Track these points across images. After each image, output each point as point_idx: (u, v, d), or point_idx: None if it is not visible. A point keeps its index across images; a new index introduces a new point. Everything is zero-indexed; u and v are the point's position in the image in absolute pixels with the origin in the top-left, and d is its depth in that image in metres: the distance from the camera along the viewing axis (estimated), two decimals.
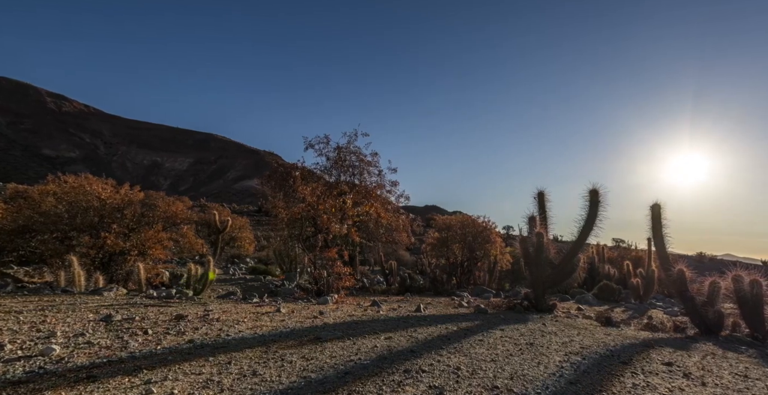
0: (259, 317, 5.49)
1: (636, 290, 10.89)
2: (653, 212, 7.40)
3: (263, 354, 3.59)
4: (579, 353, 3.95)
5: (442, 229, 14.20)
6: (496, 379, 3.00)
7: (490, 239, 12.96)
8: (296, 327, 4.80)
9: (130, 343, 3.69)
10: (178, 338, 4.02)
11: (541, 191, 9.00)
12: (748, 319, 6.18)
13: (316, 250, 9.16)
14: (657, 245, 7.33)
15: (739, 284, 6.22)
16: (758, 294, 5.98)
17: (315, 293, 9.03)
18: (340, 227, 9.32)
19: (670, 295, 12.22)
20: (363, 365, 3.32)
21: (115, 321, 4.57)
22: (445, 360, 3.53)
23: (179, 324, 4.66)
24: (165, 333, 4.22)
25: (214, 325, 4.72)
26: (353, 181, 12.06)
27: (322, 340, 4.21)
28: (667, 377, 3.25)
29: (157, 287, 11.48)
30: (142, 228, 12.62)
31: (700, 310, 6.52)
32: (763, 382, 3.31)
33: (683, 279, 6.72)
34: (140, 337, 3.96)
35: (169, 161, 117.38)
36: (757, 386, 3.19)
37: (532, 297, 8.37)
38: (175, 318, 4.98)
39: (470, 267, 13.70)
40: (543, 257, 8.12)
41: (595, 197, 7.61)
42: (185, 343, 3.83)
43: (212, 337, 4.13)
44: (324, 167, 12.05)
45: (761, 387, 3.20)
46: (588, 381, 3.00)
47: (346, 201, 9.89)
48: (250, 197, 65.54)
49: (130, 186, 12.93)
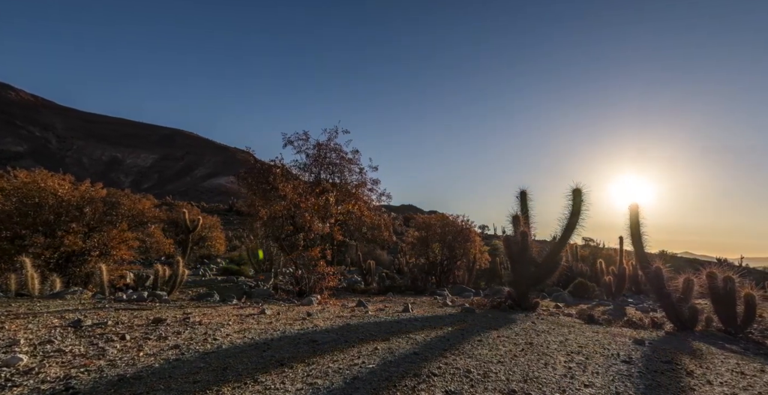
0: (244, 319, 5.18)
1: (609, 287, 11.29)
2: (631, 211, 7.64)
3: (259, 359, 3.33)
4: (579, 352, 3.94)
5: (422, 228, 14.19)
6: (510, 382, 2.91)
7: (470, 237, 13.07)
8: (287, 330, 4.55)
9: (107, 350, 3.33)
10: (161, 343, 3.68)
11: (524, 190, 9.11)
12: (721, 314, 6.48)
13: (298, 249, 8.85)
14: (635, 244, 7.56)
15: (713, 280, 6.52)
16: (732, 290, 6.29)
17: (297, 294, 8.74)
18: (323, 225, 9.05)
19: (639, 292, 12.78)
20: (369, 369, 3.14)
21: (85, 327, 4.15)
22: (451, 362, 3.41)
23: (158, 329, 4.29)
24: (144, 338, 3.86)
25: (197, 329, 4.39)
26: (333, 179, 11.79)
27: (319, 343, 3.99)
28: (674, 376, 3.27)
29: (121, 290, 10.76)
30: (105, 227, 11.82)
31: (676, 306, 6.79)
32: (761, 378, 3.42)
33: (660, 276, 6.97)
34: (117, 343, 3.59)
35: (131, 157, 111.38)
36: (758, 383, 3.28)
37: (515, 295, 8.46)
38: (153, 322, 4.60)
39: (449, 266, 13.76)
40: (527, 255, 8.22)
41: (578, 197, 7.79)
42: (170, 349, 3.51)
43: (198, 342, 3.81)
44: (303, 164, 11.70)
45: (762, 383, 3.29)
46: (601, 383, 2.96)
47: (329, 199, 9.63)
48: (220, 195, 63.06)
49: (91, 183, 12.08)
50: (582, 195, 7.76)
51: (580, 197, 7.75)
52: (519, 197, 9.13)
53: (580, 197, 7.76)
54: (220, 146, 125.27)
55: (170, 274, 10.81)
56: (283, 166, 11.09)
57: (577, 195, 7.78)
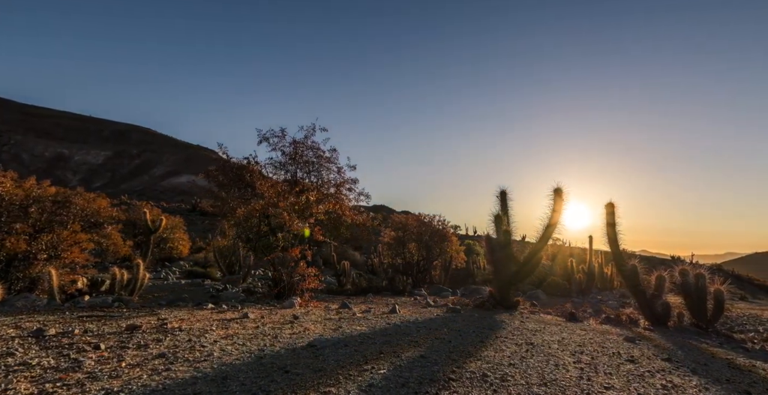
0: (227, 324, 4.82)
1: (579, 285, 11.72)
2: (607, 211, 7.91)
3: (258, 366, 3.06)
4: (582, 352, 3.94)
5: (399, 228, 14.10)
6: (531, 386, 2.82)
7: (447, 237, 13.13)
8: (278, 335, 4.27)
9: (83, 361, 2.93)
10: (143, 352, 3.30)
11: (504, 189, 9.22)
12: (692, 310, 6.82)
13: (276, 250, 8.46)
14: (610, 242, 7.82)
15: (685, 277, 6.87)
16: (703, 287, 6.64)
17: (275, 297, 8.35)
18: (303, 225, 8.72)
19: (605, 289, 13.39)
20: (382, 375, 2.95)
21: (49, 337, 3.66)
22: (463, 365, 3.29)
23: (135, 336, 3.88)
24: (122, 347, 3.46)
25: (179, 336, 4.01)
26: (310, 178, 11.43)
27: (317, 347, 3.75)
28: (682, 374, 3.31)
29: (73, 296, 9.86)
30: (55, 228, 10.83)
31: (650, 302, 7.09)
32: (756, 374, 3.57)
33: (636, 274, 7.27)
34: (92, 353, 3.18)
35: (80, 154, 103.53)
36: (754, 378, 3.42)
37: (496, 294, 8.52)
38: (127, 330, 4.16)
39: (426, 266, 13.76)
40: (509, 254, 8.32)
41: (559, 196, 7.97)
42: (155, 358, 3.15)
43: (185, 349, 3.46)
44: (279, 162, 11.25)
45: (759, 378, 3.43)
46: (620, 385, 2.93)
47: (309, 198, 9.30)
48: (181, 195, 59.77)
49: (36, 180, 11.03)
50: (563, 194, 7.96)
51: (560, 197, 7.94)
52: (499, 197, 9.22)
53: (561, 196, 7.95)
54: (180, 143, 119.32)
55: (129, 278, 10.05)
56: (258, 163, 10.64)
57: (558, 194, 7.97)
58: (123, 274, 10.05)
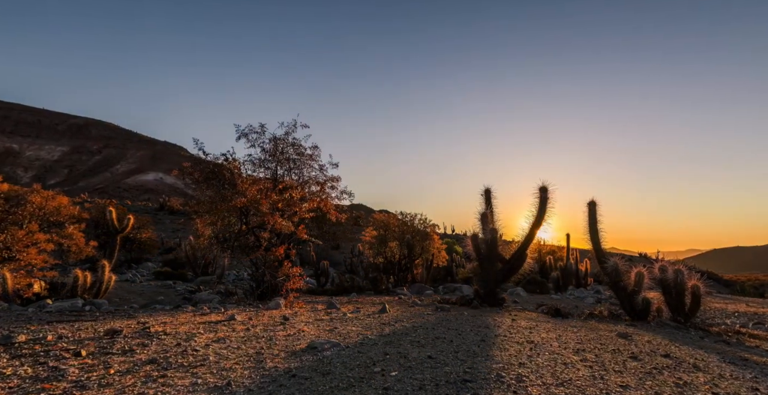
0: (215, 327, 4.55)
1: (557, 282, 12.02)
2: (590, 209, 8.11)
3: (262, 371, 2.86)
4: (584, 350, 3.95)
5: (380, 227, 13.99)
6: (549, 386, 2.74)
7: (429, 235, 13.14)
8: (272, 337, 4.05)
9: (65, 370, 2.64)
10: (131, 358, 3.02)
11: (488, 188, 9.28)
12: (671, 305, 7.09)
13: (260, 249, 8.13)
14: (592, 239, 8.02)
15: (664, 273, 7.14)
16: (681, 282, 6.91)
17: (257, 298, 8.04)
18: (287, 224, 8.43)
19: (579, 285, 13.81)
20: (396, 378, 2.82)
21: (19, 344, 3.30)
22: (474, 366, 3.20)
23: (117, 342, 3.56)
24: (105, 353, 3.15)
25: (165, 340, 3.72)
26: (291, 175, 11.10)
27: (318, 350, 3.57)
28: (687, 371, 3.35)
29: (30, 301, 9.13)
30: (9, 228, 10.03)
31: (631, 298, 7.32)
32: (755, 368, 3.70)
33: (618, 270, 7.49)
34: (73, 361, 2.87)
35: (32, 149, 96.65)
36: (748, 374, 3.54)
37: (482, 292, 8.57)
38: (106, 335, 3.82)
39: (408, 265, 13.72)
40: (495, 252, 8.38)
41: (544, 194, 8.11)
42: (145, 364, 2.89)
43: (175, 354, 3.20)
44: (258, 159, 10.83)
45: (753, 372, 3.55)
46: (635, 383, 2.91)
47: (293, 196, 9.01)
48: (147, 193, 56.82)
49: None
50: (548, 193, 8.09)
51: (545, 195, 8.08)
52: (484, 195, 9.28)
53: (546, 194, 8.09)
54: (146, 139, 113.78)
55: (93, 280, 9.42)
56: (235, 160, 10.21)
57: (543, 193, 8.10)
58: (86, 276, 9.42)
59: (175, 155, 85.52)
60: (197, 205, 9.95)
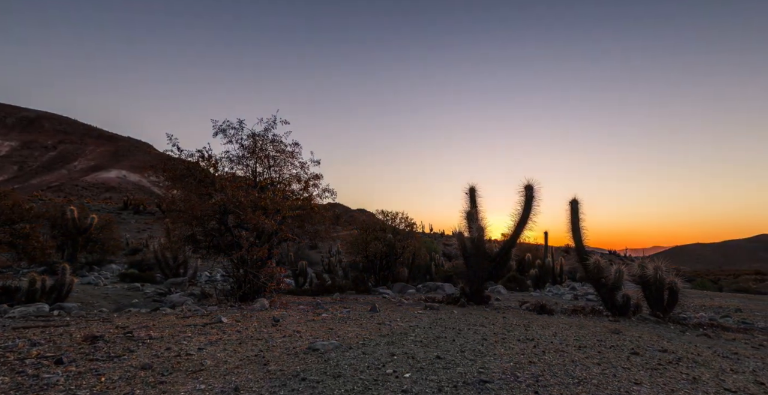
0: (204, 330, 4.27)
1: (535, 279, 12.30)
2: (572, 207, 8.30)
3: (268, 374, 2.67)
4: (584, 346, 3.97)
5: (362, 226, 13.85)
6: (568, 386, 2.70)
7: (412, 234, 13.12)
8: (270, 339, 3.83)
9: (49, 379, 2.36)
10: (121, 364, 2.76)
11: (473, 186, 9.31)
12: (650, 300, 7.35)
13: (241, 249, 7.79)
14: (574, 237, 8.21)
15: (644, 270, 7.41)
16: (661, 278, 7.20)
17: (239, 299, 7.71)
18: (270, 222, 8.13)
19: (555, 282, 14.21)
20: (410, 379, 2.70)
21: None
22: (486, 366, 3.12)
23: (99, 347, 3.26)
24: (90, 359, 2.87)
25: (153, 344, 3.45)
26: (270, 173, 10.77)
27: (321, 351, 3.40)
28: (690, 366, 3.41)
29: None
30: None
31: (612, 295, 7.55)
32: (748, 361, 3.85)
33: (600, 268, 7.71)
34: (57, 369, 2.58)
35: None
36: (746, 368, 3.67)
37: (468, 290, 8.60)
38: (86, 340, 3.49)
39: (389, 263, 13.64)
40: (482, 251, 8.43)
41: (530, 192, 8.22)
42: (139, 370, 2.64)
43: (169, 359, 2.96)
44: (236, 156, 10.45)
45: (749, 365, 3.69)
46: (647, 379, 2.91)
47: (276, 193, 8.72)
48: (109, 191, 53.50)
49: None
50: (533, 191, 8.22)
51: (531, 193, 8.20)
52: (468, 194, 9.31)
53: (531, 193, 8.21)
54: (107, 134, 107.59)
55: (53, 284, 8.77)
56: (211, 157, 9.78)
57: (529, 191, 8.22)
58: (44, 279, 8.74)
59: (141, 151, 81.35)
60: (172, 203, 9.48)
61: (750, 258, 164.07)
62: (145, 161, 69.64)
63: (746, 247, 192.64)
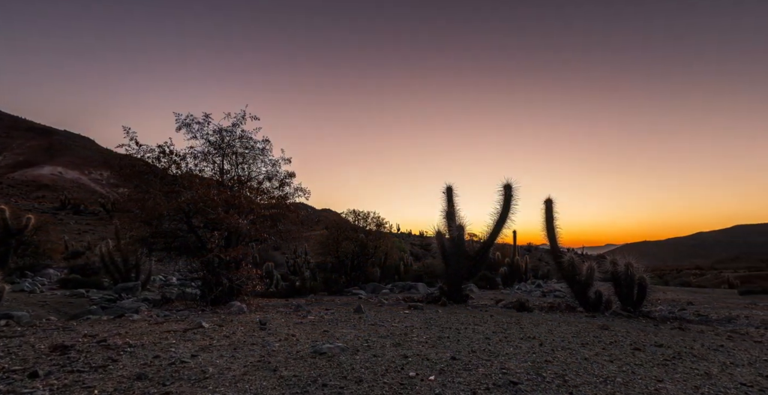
0: (185, 336, 3.86)
1: (505, 277, 12.63)
2: (546, 206, 8.55)
3: (282, 381, 2.39)
4: (587, 343, 3.96)
5: (332, 226, 13.56)
6: (596, 385, 2.63)
7: (384, 234, 13.01)
8: (266, 344, 3.51)
9: (32, 393, 1.94)
10: (109, 375, 2.37)
11: (450, 186, 9.34)
12: (622, 296, 7.71)
13: (212, 251, 7.26)
14: (549, 236, 8.44)
15: (615, 267, 7.78)
16: (632, 275, 7.57)
17: (210, 302, 7.19)
18: (243, 222, 7.66)
19: (521, 280, 14.70)
20: (439, 382, 2.54)
21: None
22: (502, 365, 3.01)
23: (74, 358, 2.81)
24: (70, 371, 2.44)
25: (137, 352, 3.04)
26: (239, 171, 10.25)
27: (328, 355, 3.16)
28: (694, 360, 3.51)
29: None
30: None
31: (584, 291, 7.86)
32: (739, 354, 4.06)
33: (574, 265, 7.99)
34: (36, 383, 2.17)
35: None
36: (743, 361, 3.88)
37: (447, 289, 8.61)
38: (55, 351, 3.00)
39: (360, 264, 13.43)
40: (462, 250, 8.47)
41: (509, 192, 8.38)
42: (134, 381, 2.28)
43: (163, 368, 2.59)
44: (201, 153, 9.83)
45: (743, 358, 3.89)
46: (666, 376, 2.92)
47: (251, 191, 8.26)
48: (42, 189, 48.10)
49: None
50: (512, 190, 8.39)
51: (510, 192, 8.37)
52: (446, 193, 9.34)
53: (510, 192, 8.38)
54: (39, 127, 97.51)
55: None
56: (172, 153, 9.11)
57: (507, 190, 8.38)
58: None
59: (81, 147, 74.69)
60: (128, 202, 8.74)
61: (690, 255, 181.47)
62: (87, 156, 64.32)
63: (687, 244, 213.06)
